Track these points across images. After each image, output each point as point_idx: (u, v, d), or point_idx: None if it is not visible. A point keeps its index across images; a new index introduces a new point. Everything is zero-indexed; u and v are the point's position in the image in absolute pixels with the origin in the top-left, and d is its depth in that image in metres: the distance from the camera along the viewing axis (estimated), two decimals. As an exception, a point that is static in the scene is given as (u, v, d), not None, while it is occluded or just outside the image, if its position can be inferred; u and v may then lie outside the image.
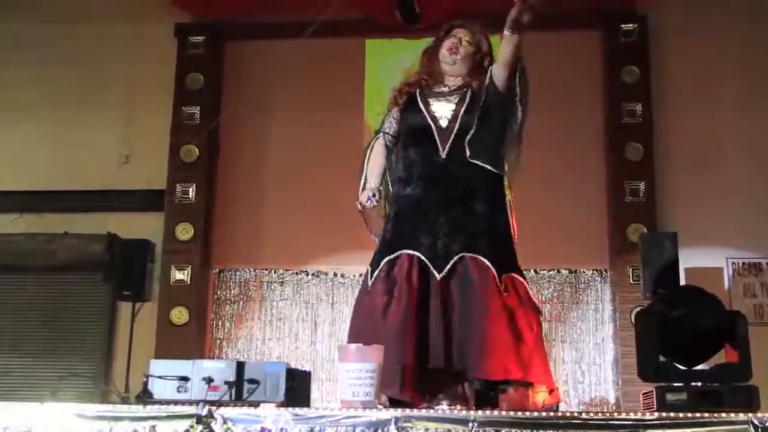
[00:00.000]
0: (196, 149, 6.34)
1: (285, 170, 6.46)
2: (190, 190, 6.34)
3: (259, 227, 6.40)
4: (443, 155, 3.53)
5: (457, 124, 3.55)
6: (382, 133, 3.76)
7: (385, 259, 3.46)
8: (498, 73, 3.51)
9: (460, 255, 3.39)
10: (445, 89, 3.67)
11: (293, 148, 6.46)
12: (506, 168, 3.62)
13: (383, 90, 4.09)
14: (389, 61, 6.20)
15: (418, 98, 3.67)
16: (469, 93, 3.61)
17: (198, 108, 6.46)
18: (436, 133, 3.56)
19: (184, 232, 6.27)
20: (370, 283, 3.48)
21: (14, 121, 6.65)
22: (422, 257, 3.41)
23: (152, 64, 6.63)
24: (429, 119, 3.59)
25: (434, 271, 3.39)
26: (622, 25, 6.36)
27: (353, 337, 3.39)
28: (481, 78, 3.62)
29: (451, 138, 3.54)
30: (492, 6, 5.76)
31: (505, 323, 3.30)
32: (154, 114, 6.51)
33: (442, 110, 3.60)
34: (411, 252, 3.43)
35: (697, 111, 6.21)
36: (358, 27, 6.42)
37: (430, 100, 3.64)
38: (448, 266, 3.38)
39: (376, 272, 3.46)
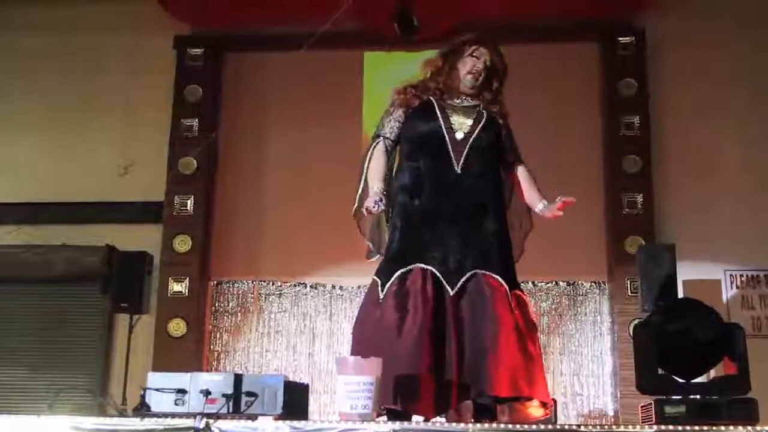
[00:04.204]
0: (195, 161, 6.34)
1: (283, 182, 6.45)
2: (189, 201, 6.34)
3: (257, 239, 6.39)
4: (458, 168, 3.48)
5: (473, 139, 3.51)
6: (381, 138, 3.66)
7: (399, 272, 3.38)
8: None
9: (473, 272, 3.36)
10: (461, 102, 3.62)
11: (292, 161, 6.46)
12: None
13: (381, 102, 4.08)
14: (387, 74, 6.20)
15: (436, 107, 3.59)
16: (486, 114, 3.59)
17: (197, 120, 6.47)
18: (450, 145, 3.51)
19: (182, 244, 6.26)
20: (381, 295, 3.38)
21: (13, 132, 6.65)
22: (435, 272, 3.36)
23: (151, 76, 6.64)
24: (444, 130, 3.53)
25: (447, 287, 3.34)
26: (620, 38, 6.37)
27: (362, 350, 3.26)
28: (497, 99, 3.65)
29: (466, 151, 3.50)
30: (490, 18, 5.87)
31: (516, 341, 3.29)
32: (152, 126, 6.52)
33: (460, 123, 3.55)
34: (424, 266, 3.37)
35: (695, 123, 6.22)
36: (356, 39, 6.43)
37: (449, 111, 3.58)
38: (461, 282, 3.34)
39: (388, 285, 3.38)
